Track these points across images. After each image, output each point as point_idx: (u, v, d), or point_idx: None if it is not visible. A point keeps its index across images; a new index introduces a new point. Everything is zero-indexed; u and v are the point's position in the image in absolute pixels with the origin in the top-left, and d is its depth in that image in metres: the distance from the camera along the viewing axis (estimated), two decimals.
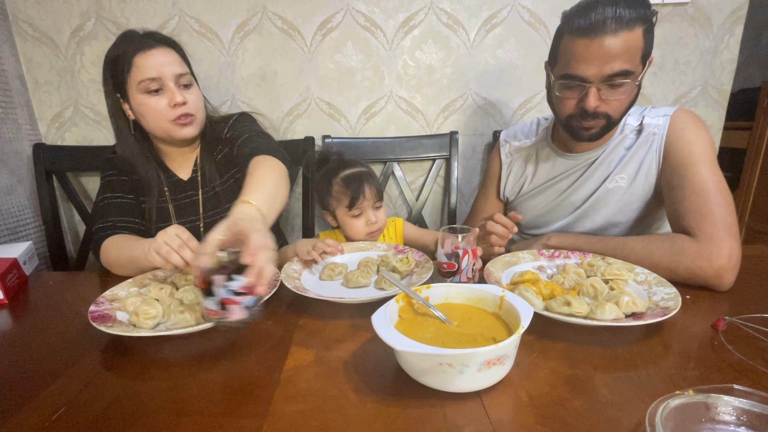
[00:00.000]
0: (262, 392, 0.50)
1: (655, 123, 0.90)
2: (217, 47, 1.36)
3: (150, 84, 0.91)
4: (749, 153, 2.30)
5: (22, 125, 1.36)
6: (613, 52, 0.77)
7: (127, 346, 0.62)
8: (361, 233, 1.03)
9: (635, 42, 0.77)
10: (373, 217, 1.03)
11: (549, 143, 1.04)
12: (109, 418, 0.47)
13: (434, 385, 0.49)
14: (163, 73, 0.92)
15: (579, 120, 0.86)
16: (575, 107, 0.85)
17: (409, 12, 1.34)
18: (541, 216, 1.04)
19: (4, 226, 1.29)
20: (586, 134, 0.88)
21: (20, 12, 1.32)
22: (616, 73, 0.78)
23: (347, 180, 1.02)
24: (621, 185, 0.93)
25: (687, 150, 0.84)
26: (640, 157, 0.91)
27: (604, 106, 0.83)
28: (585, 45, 0.78)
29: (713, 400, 0.42)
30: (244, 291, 0.55)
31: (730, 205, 0.78)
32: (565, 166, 1.00)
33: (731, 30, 1.35)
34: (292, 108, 1.43)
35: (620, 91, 0.81)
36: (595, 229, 0.97)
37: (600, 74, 0.79)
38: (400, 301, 0.59)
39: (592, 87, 0.80)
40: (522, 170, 1.08)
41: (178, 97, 0.93)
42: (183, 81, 0.96)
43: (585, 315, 0.62)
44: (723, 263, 0.73)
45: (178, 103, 0.93)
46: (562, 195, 1.00)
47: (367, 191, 1.01)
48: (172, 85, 0.93)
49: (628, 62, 0.78)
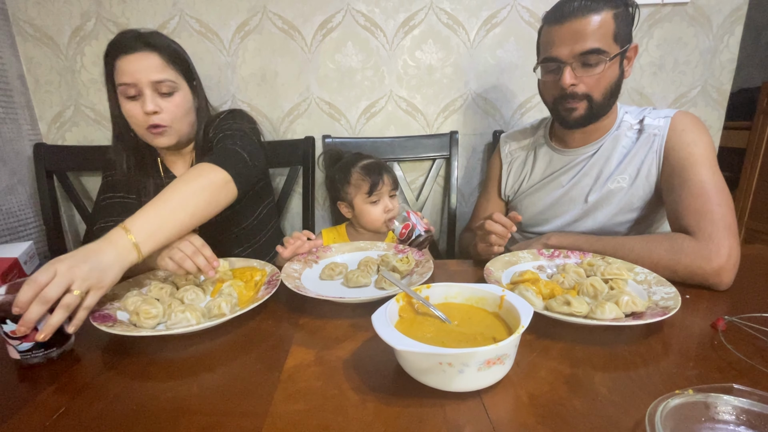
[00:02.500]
0: (262, 392, 0.50)
1: (656, 124, 0.91)
2: (218, 47, 1.36)
3: (127, 89, 0.90)
4: (749, 153, 2.30)
5: (22, 125, 1.37)
6: (583, 33, 0.83)
7: (128, 346, 0.62)
8: (378, 220, 1.09)
9: (604, 23, 0.83)
10: (390, 204, 1.09)
11: (546, 140, 1.06)
12: (110, 418, 0.47)
13: (434, 385, 0.49)
14: (138, 79, 0.89)
15: (562, 102, 0.91)
16: (556, 88, 0.90)
17: (409, 12, 1.34)
18: (541, 213, 1.05)
19: (4, 225, 1.29)
20: (571, 117, 0.91)
21: (21, 12, 1.33)
22: (587, 50, 0.83)
23: (366, 168, 1.09)
24: (622, 185, 0.94)
25: (687, 151, 0.85)
26: (640, 157, 0.92)
27: (581, 85, 0.87)
28: (557, 30, 0.86)
29: (713, 399, 0.42)
30: (15, 335, 0.55)
31: (729, 206, 0.79)
32: (563, 162, 1.01)
33: (731, 30, 1.35)
34: (292, 108, 1.43)
35: (594, 69, 0.85)
36: (596, 228, 0.98)
37: (572, 53, 0.85)
38: (400, 300, 0.59)
39: (566, 66, 0.86)
40: (521, 168, 1.10)
41: (149, 105, 0.90)
42: (162, 88, 0.92)
43: (585, 314, 0.62)
44: (722, 262, 0.73)
45: (148, 111, 0.91)
46: (562, 190, 1.01)
47: (386, 178, 1.08)
48: (149, 92, 0.91)
49: (597, 41, 0.83)
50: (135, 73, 0.89)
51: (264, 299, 0.69)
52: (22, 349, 0.56)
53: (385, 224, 1.08)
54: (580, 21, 0.83)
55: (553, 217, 1.03)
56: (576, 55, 0.84)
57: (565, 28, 0.84)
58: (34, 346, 0.56)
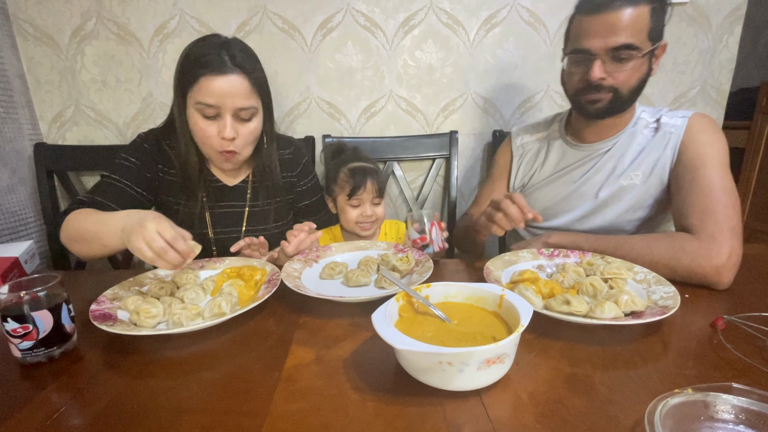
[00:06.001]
0: (262, 391, 0.50)
1: (673, 123, 0.91)
2: None
3: (206, 109, 0.86)
4: (748, 152, 2.30)
5: (23, 125, 1.37)
6: (618, 26, 0.81)
7: (128, 345, 0.62)
8: (351, 222, 1.10)
9: (640, 18, 0.81)
10: (370, 210, 1.09)
11: (561, 134, 1.05)
12: (110, 417, 0.47)
13: (434, 384, 0.49)
14: (223, 103, 0.86)
15: (585, 93, 0.89)
16: (582, 80, 0.88)
17: (409, 12, 1.34)
18: (550, 207, 1.04)
19: (5, 225, 1.30)
20: (593, 108, 0.90)
21: (21, 12, 1.33)
22: (620, 45, 0.81)
23: (353, 171, 1.09)
24: (635, 182, 0.93)
25: (701, 151, 0.85)
26: (656, 154, 0.91)
27: (609, 79, 0.85)
28: (591, 20, 0.84)
29: (712, 398, 0.42)
30: (16, 334, 0.56)
31: (736, 208, 0.79)
32: (577, 157, 1.00)
33: (730, 30, 1.35)
34: (292, 107, 1.43)
35: (625, 65, 0.83)
36: (604, 225, 0.97)
37: (604, 46, 0.83)
38: (400, 299, 0.59)
39: (597, 59, 0.84)
40: (533, 161, 1.09)
41: (228, 132, 0.87)
42: (243, 115, 0.89)
43: (584, 314, 0.62)
44: (722, 261, 0.73)
45: (227, 138, 0.88)
46: (574, 185, 1.00)
47: (369, 185, 1.07)
48: (229, 117, 0.87)
49: (632, 36, 0.81)
50: (222, 97, 0.85)
51: (264, 298, 0.69)
52: (23, 347, 0.56)
53: (359, 226, 1.10)
54: (615, 13, 0.81)
55: (562, 212, 1.02)
56: (608, 48, 0.82)
57: (600, 19, 0.82)
58: (35, 344, 0.56)
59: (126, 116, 1.43)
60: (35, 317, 0.56)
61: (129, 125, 1.43)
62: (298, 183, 1.12)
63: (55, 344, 0.58)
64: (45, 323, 0.56)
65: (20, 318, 0.55)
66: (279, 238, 0.93)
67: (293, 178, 1.11)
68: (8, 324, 0.55)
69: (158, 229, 0.67)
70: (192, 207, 0.98)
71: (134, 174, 0.96)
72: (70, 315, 0.60)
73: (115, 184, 0.94)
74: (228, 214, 1.03)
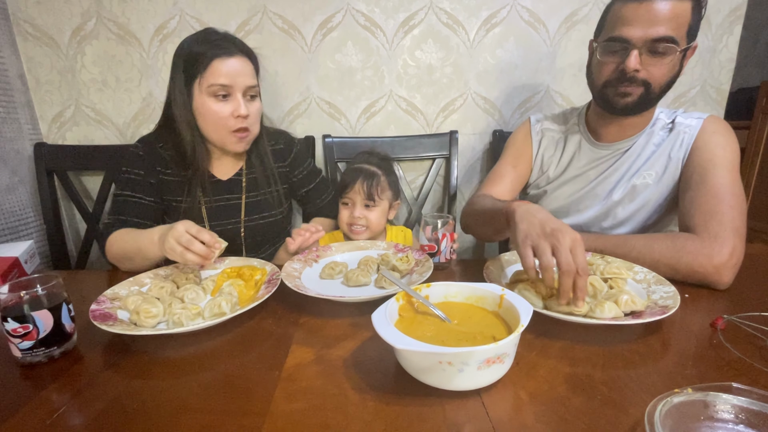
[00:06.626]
0: (262, 391, 0.51)
1: (688, 123, 0.91)
2: None
3: (219, 89, 0.92)
4: (747, 152, 2.30)
5: (23, 125, 1.37)
6: (660, 17, 0.78)
7: (128, 345, 0.62)
8: (343, 222, 1.12)
9: (683, 12, 0.79)
10: (359, 212, 1.09)
11: (580, 129, 1.02)
12: (110, 417, 0.47)
13: (434, 384, 0.49)
14: (236, 82, 0.93)
15: (616, 85, 0.86)
16: (614, 71, 0.85)
17: (409, 12, 1.34)
18: (563, 207, 1.03)
19: (5, 225, 1.30)
20: (622, 102, 0.86)
21: (21, 11, 1.33)
22: (660, 37, 0.79)
23: (349, 170, 1.13)
24: (648, 182, 0.92)
25: (713, 152, 0.85)
26: (669, 154, 0.91)
27: (643, 72, 0.83)
28: (633, 8, 0.80)
29: (712, 398, 0.42)
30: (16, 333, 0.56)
31: (742, 210, 0.79)
32: (594, 156, 0.98)
33: (730, 29, 1.35)
34: (292, 107, 1.43)
35: (662, 59, 0.81)
36: (615, 224, 0.97)
37: (644, 37, 0.80)
38: (400, 299, 0.59)
39: (634, 49, 0.81)
40: (550, 154, 1.06)
41: (243, 109, 0.94)
42: (251, 93, 0.98)
43: (584, 314, 0.62)
44: (724, 260, 0.73)
45: (242, 115, 0.94)
46: (589, 185, 0.99)
47: (358, 186, 1.08)
48: (240, 95, 0.94)
49: (673, 30, 0.79)
50: (235, 76, 0.93)
51: (264, 298, 0.69)
52: (23, 347, 0.56)
53: (350, 228, 1.11)
54: (660, 3, 0.78)
55: (575, 212, 1.01)
56: (648, 39, 0.79)
57: (643, 7, 0.79)
58: (35, 344, 0.56)
59: (126, 116, 1.43)
60: (35, 317, 0.56)
61: (129, 125, 1.43)
62: (292, 173, 1.18)
63: (55, 344, 0.58)
64: (45, 323, 0.56)
65: (20, 318, 0.55)
66: (278, 226, 0.99)
67: (285, 168, 1.16)
68: (8, 324, 0.55)
69: (185, 227, 0.76)
70: (190, 203, 1.02)
71: (141, 185, 1.00)
72: (70, 315, 0.60)
73: (128, 200, 0.99)
74: (225, 206, 1.06)
